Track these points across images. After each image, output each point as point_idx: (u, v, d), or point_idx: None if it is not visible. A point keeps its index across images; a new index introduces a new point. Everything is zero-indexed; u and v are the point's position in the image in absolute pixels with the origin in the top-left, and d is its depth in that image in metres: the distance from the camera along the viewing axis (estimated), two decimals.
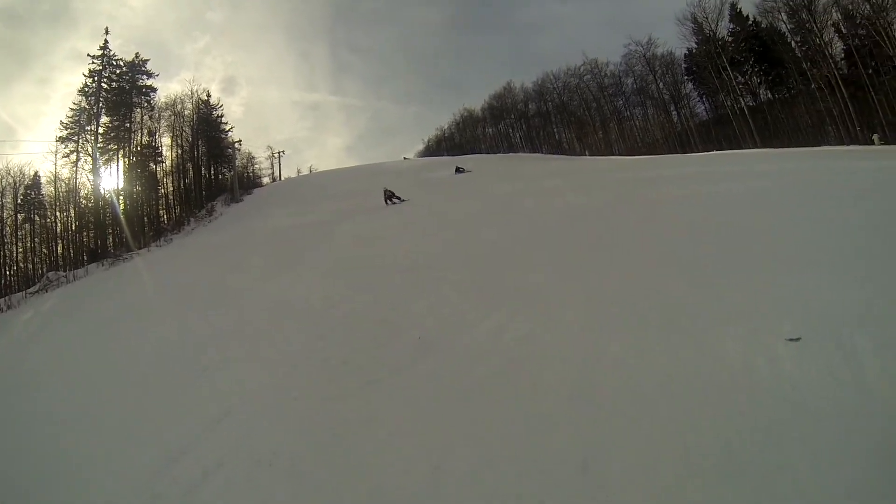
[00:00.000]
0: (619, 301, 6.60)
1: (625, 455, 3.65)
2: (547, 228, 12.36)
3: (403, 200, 24.18)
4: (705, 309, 5.79)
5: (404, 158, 65.71)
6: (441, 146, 75.21)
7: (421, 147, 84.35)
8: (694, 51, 49.85)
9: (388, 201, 24.42)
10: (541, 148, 61.03)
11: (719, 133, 46.48)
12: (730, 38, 47.20)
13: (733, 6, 47.27)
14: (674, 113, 54.18)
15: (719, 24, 47.81)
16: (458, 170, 37.94)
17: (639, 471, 3.46)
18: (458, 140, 73.46)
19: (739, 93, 46.40)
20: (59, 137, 41.91)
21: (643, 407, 4.18)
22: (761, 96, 46.82)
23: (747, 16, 46.94)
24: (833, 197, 10.04)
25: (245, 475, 4.67)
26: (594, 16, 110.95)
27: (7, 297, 27.99)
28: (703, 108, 52.43)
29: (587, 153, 49.83)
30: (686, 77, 52.51)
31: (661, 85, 54.30)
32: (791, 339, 4.63)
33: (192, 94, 48.90)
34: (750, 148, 33.06)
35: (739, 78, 46.95)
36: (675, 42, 67.62)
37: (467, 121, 74.29)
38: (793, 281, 6.00)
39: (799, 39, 42.82)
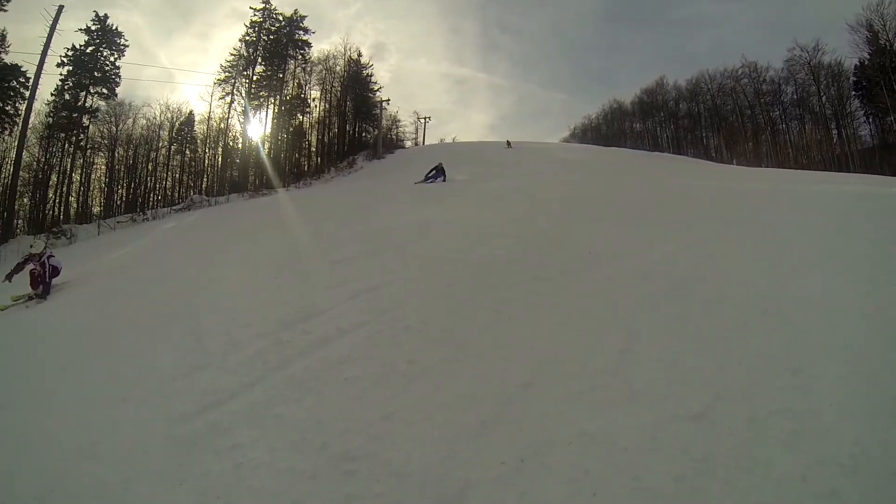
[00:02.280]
0: (797, 250, 6.00)
1: (839, 367, 3.31)
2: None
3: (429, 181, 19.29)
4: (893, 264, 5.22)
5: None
6: (587, 135, 72.85)
7: (566, 134, 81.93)
8: (866, 63, 43.84)
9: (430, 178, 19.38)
10: (686, 151, 57.50)
11: (884, 160, 41.67)
12: None
13: None
14: (834, 132, 49.06)
15: None
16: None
17: (855, 381, 3.15)
18: (605, 131, 70.42)
19: None
20: (217, 80, 44.56)
21: (847, 334, 3.74)
22: None
23: None
24: None
25: (389, 335, 4.65)
26: (755, 17, 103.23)
27: (154, 210, 30.39)
28: (867, 130, 47.03)
29: (735, 163, 46.04)
30: (854, 92, 47.02)
31: (823, 98, 49.32)
32: None
33: (344, 51, 49.94)
34: None
35: None
36: (846, 51, 61.06)
37: (615, 112, 71.12)
38: None
39: None
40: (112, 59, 39.46)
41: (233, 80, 44.53)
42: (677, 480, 2.55)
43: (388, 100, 49.57)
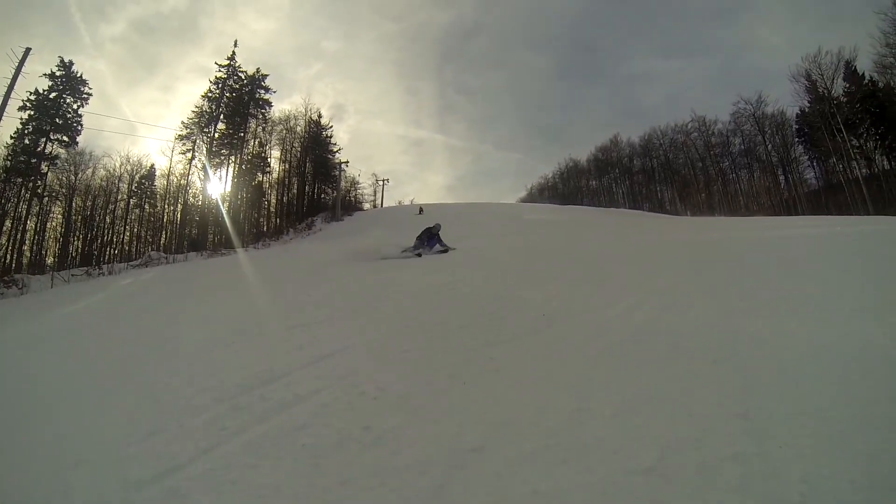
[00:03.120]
0: (749, 296, 6.49)
1: (788, 407, 3.48)
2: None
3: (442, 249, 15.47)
4: (840, 302, 5.72)
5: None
6: (544, 194, 74.75)
7: (523, 193, 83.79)
8: (807, 110, 46.54)
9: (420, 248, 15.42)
10: (642, 205, 59.23)
11: (829, 200, 43.58)
12: (844, 98, 43.50)
13: (848, 64, 43.64)
14: (781, 177, 51.29)
15: (835, 81, 44.29)
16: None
17: (803, 420, 3.29)
18: (562, 190, 72.62)
19: (853, 157, 42.70)
20: (179, 135, 44.52)
21: (796, 374, 4.00)
22: (876, 162, 42.69)
23: (863, 74, 43.15)
24: None
25: (345, 402, 4.57)
26: (702, 72, 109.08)
27: (110, 265, 29.63)
28: (812, 174, 49.27)
29: (689, 214, 47.63)
30: (797, 139, 49.43)
31: (769, 146, 51.68)
32: None
33: (305, 111, 50.74)
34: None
35: (854, 141, 42.97)
36: (787, 100, 64.56)
37: (572, 171, 73.50)
38: None
39: None
40: (75, 106, 39.54)
41: (194, 137, 44.52)
42: None
43: (347, 162, 49.90)
